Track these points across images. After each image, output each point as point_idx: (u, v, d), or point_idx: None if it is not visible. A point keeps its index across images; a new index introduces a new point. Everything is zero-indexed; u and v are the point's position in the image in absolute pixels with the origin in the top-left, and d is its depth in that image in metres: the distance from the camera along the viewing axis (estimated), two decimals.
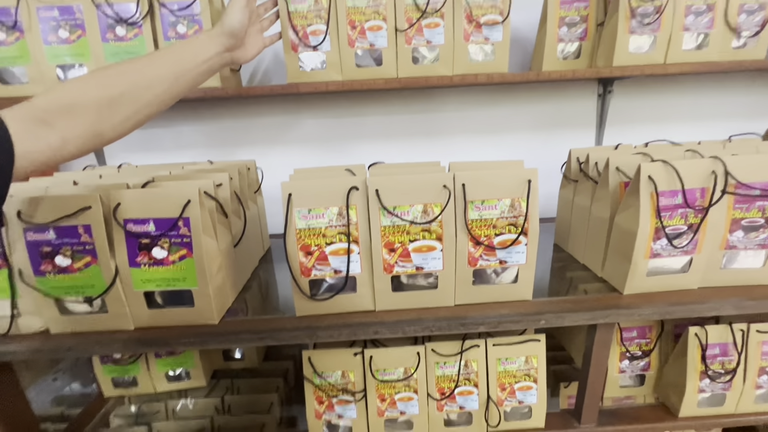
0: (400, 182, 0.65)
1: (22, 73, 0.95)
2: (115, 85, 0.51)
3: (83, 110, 0.48)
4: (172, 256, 0.65)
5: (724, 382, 0.82)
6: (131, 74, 0.52)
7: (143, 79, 0.53)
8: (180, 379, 0.99)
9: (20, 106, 0.45)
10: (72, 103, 0.47)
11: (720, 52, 0.98)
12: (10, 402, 0.76)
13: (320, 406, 0.81)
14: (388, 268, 0.69)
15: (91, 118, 0.48)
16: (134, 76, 0.52)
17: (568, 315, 0.70)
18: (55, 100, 0.46)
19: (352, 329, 0.69)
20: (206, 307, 0.69)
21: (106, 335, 0.69)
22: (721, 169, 0.68)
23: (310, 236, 0.67)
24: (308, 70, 0.97)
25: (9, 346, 0.67)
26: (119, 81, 0.51)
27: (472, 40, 0.95)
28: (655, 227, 0.70)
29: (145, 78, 0.53)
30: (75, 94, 0.48)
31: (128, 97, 0.51)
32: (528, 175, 0.66)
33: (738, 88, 1.23)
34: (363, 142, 1.26)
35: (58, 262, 0.64)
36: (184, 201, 0.63)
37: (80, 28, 0.92)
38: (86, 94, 0.48)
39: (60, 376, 1.18)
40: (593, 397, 0.83)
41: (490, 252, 0.70)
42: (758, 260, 0.75)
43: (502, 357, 0.80)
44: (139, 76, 0.53)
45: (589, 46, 1.03)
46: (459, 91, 1.22)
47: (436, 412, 0.82)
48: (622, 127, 1.27)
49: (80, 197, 0.62)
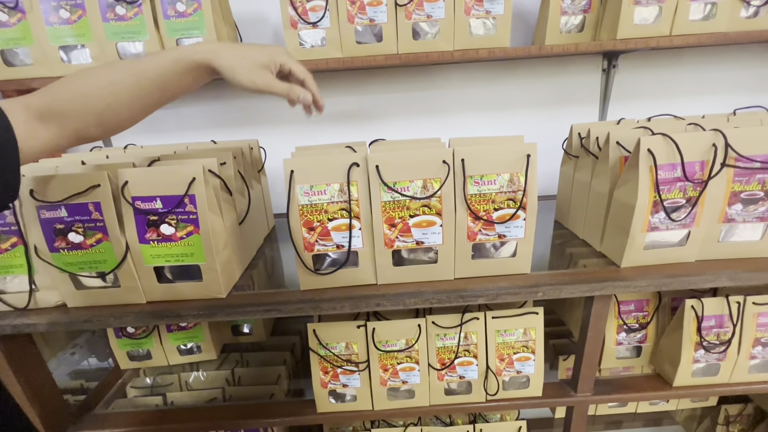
0: (399, 158, 0.66)
1: (26, 54, 0.96)
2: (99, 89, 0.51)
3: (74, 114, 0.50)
4: (180, 232, 0.68)
5: (719, 352, 0.84)
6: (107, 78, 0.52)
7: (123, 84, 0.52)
8: (191, 352, 1.03)
9: (18, 103, 0.47)
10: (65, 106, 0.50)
11: (728, 22, 0.96)
12: (34, 372, 0.80)
13: (325, 376, 0.85)
14: (389, 242, 0.71)
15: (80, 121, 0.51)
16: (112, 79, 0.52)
17: (565, 287, 0.72)
18: (49, 100, 0.49)
19: (355, 302, 0.71)
20: (214, 281, 0.72)
21: (120, 308, 0.72)
22: (722, 142, 0.68)
23: (313, 212, 0.69)
24: (308, 47, 0.96)
25: (29, 319, 0.71)
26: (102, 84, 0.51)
27: (473, 13, 0.94)
28: (653, 201, 0.70)
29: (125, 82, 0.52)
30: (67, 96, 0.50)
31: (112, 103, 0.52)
32: (527, 150, 0.67)
33: (746, 60, 1.21)
34: (364, 120, 1.26)
35: (71, 239, 0.67)
36: (189, 179, 0.65)
37: (80, 8, 0.92)
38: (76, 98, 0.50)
39: (78, 350, 1.24)
40: (590, 367, 0.85)
41: (489, 226, 0.71)
42: (756, 233, 0.76)
43: (501, 329, 0.83)
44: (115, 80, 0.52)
45: (593, 18, 1.01)
46: (460, 67, 1.21)
47: (436, 382, 0.86)
48: (627, 102, 1.25)
49: (89, 176, 0.64)
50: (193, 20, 0.93)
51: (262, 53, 0.56)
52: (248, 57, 0.55)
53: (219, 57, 0.53)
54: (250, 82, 0.55)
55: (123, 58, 0.96)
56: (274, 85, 0.57)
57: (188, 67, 0.53)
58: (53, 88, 0.50)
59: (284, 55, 0.58)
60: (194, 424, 0.89)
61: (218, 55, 0.53)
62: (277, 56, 0.57)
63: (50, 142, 0.50)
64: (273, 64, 0.57)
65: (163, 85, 0.53)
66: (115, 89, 0.51)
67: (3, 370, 0.75)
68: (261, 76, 0.55)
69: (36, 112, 0.48)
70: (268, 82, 0.56)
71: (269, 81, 0.56)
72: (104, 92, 0.51)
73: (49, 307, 0.74)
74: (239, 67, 0.54)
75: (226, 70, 0.54)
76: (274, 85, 0.57)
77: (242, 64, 0.54)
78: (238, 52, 0.55)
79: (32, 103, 0.48)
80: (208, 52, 0.53)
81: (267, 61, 0.56)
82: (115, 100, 0.51)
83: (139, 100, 0.53)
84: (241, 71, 0.54)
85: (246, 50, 0.55)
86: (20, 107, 0.47)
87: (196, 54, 0.53)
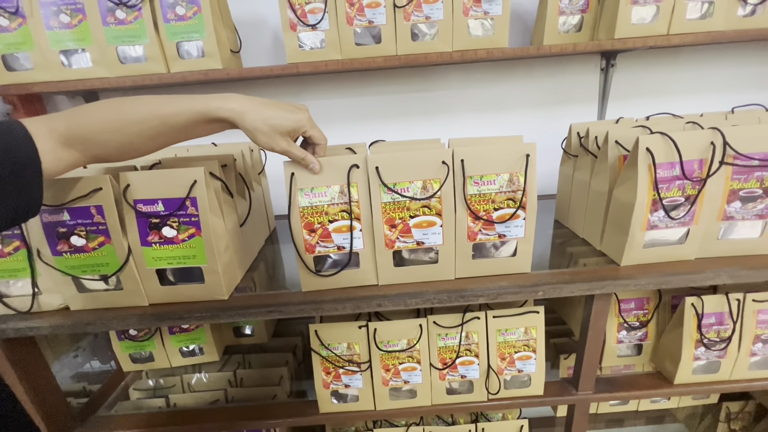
0: (399, 159, 0.67)
1: (26, 58, 0.97)
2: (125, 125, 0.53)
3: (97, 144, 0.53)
4: (182, 234, 0.68)
5: (720, 350, 0.85)
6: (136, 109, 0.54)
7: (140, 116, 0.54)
8: (194, 354, 1.03)
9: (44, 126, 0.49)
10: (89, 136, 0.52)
11: (725, 20, 0.96)
12: (37, 374, 0.80)
13: (327, 376, 0.85)
14: (389, 243, 0.71)
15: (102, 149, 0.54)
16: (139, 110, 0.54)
17: (565, 286, 0.72)
18: (75, 127, 0.51)
19: (356, 302, 0.71)
20: (216, 283, 0.72)
21: (123, 311, 0.72)
22: (720, 140, 0.68)
23: (313, 214, 0.69)
24: (307, 50, 0.97)
25: (32, 322, 0.71)
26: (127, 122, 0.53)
27: (471, 14, 0.94)
28: (652, 199, 0.71)
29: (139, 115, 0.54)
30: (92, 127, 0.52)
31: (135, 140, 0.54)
32: (526, 150, 0.67)
33: (744, 58, 1.21)
34: (364, 122, 1.27)
35: (73, 242, 0.67)
36: (191, 181, 0.65)
37: (81, 13, 0.92)
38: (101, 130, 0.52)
39: (80, 353, 1.24)
40: (591, 366, 0.86)
41: (489, 226, 0.71)
42: (755, 230, 0.76)
43: (502, 328, 0.83)
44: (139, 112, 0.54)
45: (591, 18, 1.01)
46: (459, 68, 1.22)
47: (438, 381, 0.86)
48: (625, 101, 1.26)
49: (91, 179, 0.65)
50: (192, 23, 0.94)
51: (286, 122, 0.58)
52: (272, 124, 0.57)
53: (244, 120, 0.56)
54: (269, 147, 0.59)
55: (124, 62, 0.97)
56: (291, 152, 0.62)
57: (213, 120, 0.56)
58: (79, 115, 0.52)
59: (307, 124, 0.61)
60: (197, 425, 0.89)
61: (244, 119, 0.56)
62: (299, 126, 0.60)
63: (72, 164, 0.52)
64: (294, 133, 0.61)
65: (185, 131, 0.56)
66: (139, 129, 0.53)
67: (7, 373, 0.76)
68: (280, 144, 0.59)
69: (62, 137, 0.50)
70: (286, 150, 0.61)
71: (287, 149, 0.61)
72: (128, 130, 0.53)
73: (52, 310, 0.74)
74: (261, 134, 0.57)
75: (248, 133, 0.57)
76: (291, 153, 0.62)
77: (265, 130, 0.57)
78: (263, 118, 0.57)
79: (58, 128, 0.49)
80: (235, 113, 0.55)
81: (289, 130, 0.59)
82: (138, 138, 0.54)
83: (161, 140, 0.56)
84: (262, 137, 0.58)
85: (271, 115, 0.57)
86: (46, 131, 0.48)
87: (223, 112, 0.55)
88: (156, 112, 0.54)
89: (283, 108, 0.58)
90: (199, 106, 0.54)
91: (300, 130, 0.61)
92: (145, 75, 0.98)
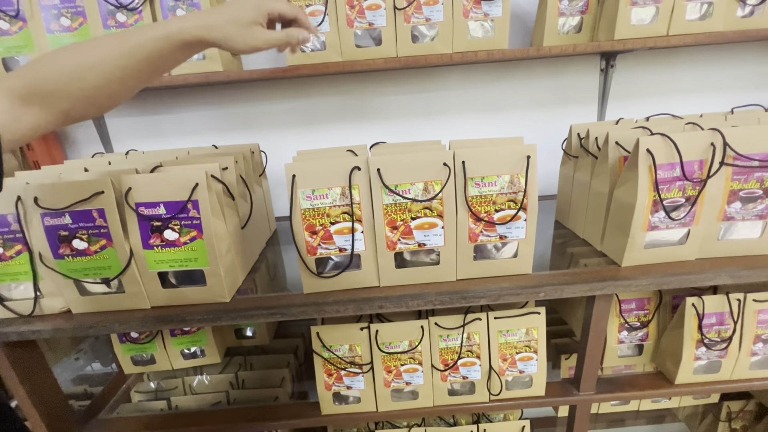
0: (400, 161, 0.67)
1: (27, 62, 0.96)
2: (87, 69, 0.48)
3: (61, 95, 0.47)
4: (183, 237, 0.68)
5: (720, 350, 0.85)
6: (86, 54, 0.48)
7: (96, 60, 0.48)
8: (195, 356, 1.03)
9: None
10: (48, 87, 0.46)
11: (725, 21, 0.97)
12: (39, 378, 0.80)
13: (329, 378, 0.85)
14: (391, 245, 0.72)
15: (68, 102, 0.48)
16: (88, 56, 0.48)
17: (566, 287, 0.72)
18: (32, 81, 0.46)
19: (358, 304, 0.71)
20: (218, 285, 0.72)
21: (125, 314, 0.72)
22: (720, 141, 0.68)
23: (315, 216, 0.69)
24: (308, 52, 0.97)
25: (34, 326, 0.71)
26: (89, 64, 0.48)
27: (471, 16, 0.94)
28: (653, 200, 0.71)
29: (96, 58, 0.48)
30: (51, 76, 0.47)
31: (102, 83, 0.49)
32: (527, 151, 0.67)
33: (743, 59, 1.21)
34: (365, 123, 1.27)
35: (75, 245, 0.67)
36: (192, 184, 0.66)
37: (81, 16, 0.92)
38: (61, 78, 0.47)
39: (82, 356, 1.24)
40: (592, 366, 0.86)
41: (491, 228, 0.72)
42: (756, 231, 0.76)
43: (504, 329, 0.83)
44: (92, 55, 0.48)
45: (591, 19, 1.02)
46: (459, 70, 1.22)
47: (440, 383, 0.86)
48: (625, 102, 1.26)
49: (93, 182, 0.65)
50: None
51: (248, 8, 0.52)
52: (237, 18, 0.51)
53: (211, 30, 0.50)
54: (247, 46, 0.53)
55: None
56: (271, 40, 0.55)
57: (179, 44, 0.50)
58: (35, 67, 0.46)
59: (269, 1, 0.54)
60: (199, 427, 0.89)
61: (210, 29, 0.50)
62: (262, 6, 0.53)
63: (36, 125, 0.47)
64: (262, 17, 0.54)
65: (153, 62, 0.51)
66: (104, 70, 0.48)
67: (8, 376, 0.76)
68: (256, 36, 0.53)
69: (18, 95, 0.44)
70: (266, 39, 0.54)
71: (266, 38, 0.54)
72: (92, 73, 0.47)
73: (53, 313, 0.74)
74: (232, 34, 0.52)
75: (221, 41, 0.52)
76: (272, 40, 0.55)
77: (234, 29, 0.51)
78: (227, 17, 0.51)
79: (13, 85, 0.44)
80: (199, 28, 0.50)
81: (255, 15, 0.53)
82: (105, 81, 0.48)
83: (130, 79, 0.51)
84: (235, 38, 0.52)
85: (232, 11, 0.51)
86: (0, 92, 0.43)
87: (187, 31, 0.50)
88: (117, 48, 0.48)
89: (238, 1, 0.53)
90: (160, 32, 0.49)
91: (265, 12, 0.54)
92: None
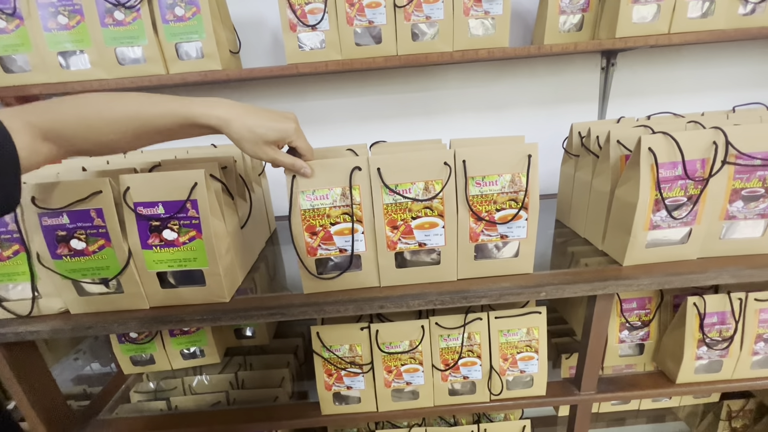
0: (401, 160, 0.66)
1: (25, 61, 0.96)
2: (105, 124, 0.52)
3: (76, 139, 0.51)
4: (182, 237, 0.68)
5: (722, 349, 0.85)
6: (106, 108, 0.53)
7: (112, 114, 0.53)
8: (195, 356, 1.03)
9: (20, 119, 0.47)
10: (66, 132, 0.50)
11: (726, 19, 0.96)
12: (37, 378, 0.80)
13: (329, 378, 0.85)
14: (391, 245, 0.71)
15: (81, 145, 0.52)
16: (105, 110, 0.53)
17: (567, 287, 0.72)
18: (52, 122, 0.49)
19: (358, 304, 0.71)
20: (217, 285, 0.72)
21: (123, 314, 0.72)
22: (722, 139, 0.68)
23: (315, 217, 0.69)
24: (307, 50, 0.96)
25: (32, 326, 0.71)
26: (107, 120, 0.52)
27: (472, 14, 0.94)
28: (654, 199, 0.70)
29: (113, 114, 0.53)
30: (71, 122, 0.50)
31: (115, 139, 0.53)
32: (528, 150, 0.67)
33: (745, 57, 1.21)
34: (364, 122, 1.26)
35: (73, 245, 0.67)
36: (191, 184, 0.65)
37: (79, 14, 0.92)
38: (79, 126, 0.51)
39: (80, 356, 1.24)
40: (593, 366, 0.86)
41: (491, 227, 0.71)
42: (758, 230, 0.76)
43: (504, 329, 0.83)
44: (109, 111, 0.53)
45: (592, 17, 1.01)
46: (460, 68, 1.21)
47: (440, 383, 0.86)
48: (627, 100, 1.25)
49: (91, 182, 0.64)
50: (191, 24, 0.93)
51: (272, 131, 0.57)
52: (258, 133, 0.56)
53: (230, 128, 0.55)
54: (255, 155, 0.58)
55: (122, 64, 0.96)
56: (278, 160, 0.61)
57: (197, 126, 0.54)
58: (56, 109, 0.50)
59: (293, 134, 0.59)
60: (198, 428, 0.89)
61: (230, 127, 0.55)
62: (286, 136, 0.59)
63: (50, 157, 0.51)
64: (281, 143, 0.60)
65: (168, 134, 0.55)
66: (119, 129, 0.52)
67: (6, 377, 0.75)
68: (266, 153, 0.58)
69: (39, 131, 0.48)
70: (273, 158, 0.60)
71: (274, 157, 0.60)
72: (107, 129, 0.52)
73: (52, 314, 0.74)
74: (246, 142, 0.56)
75: (234, 141, 0.57)
76: (278, 161, 0.61)
77: (250, 138, 0.56)
78: (249, 127, 0.55)
79: (34, 121, 0.48)
80: (221, 120, 0.54)
81: (275, 140, 0.58)
82: (119, 137, 0.53)
83: (141, 141, 0.55)
84: (247, 145, 0.57)
85: (257, 124, 0.56)
86: (22, 125, 0.47)
87: (208, 119, 0.54)
88: (138, 113, 0.52)
89: (269, 117, 0.57)
90: (183, 111, 0.53)
91: (286, 140, 0.60)
92: (144, 76, 0.97)
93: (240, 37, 1.11)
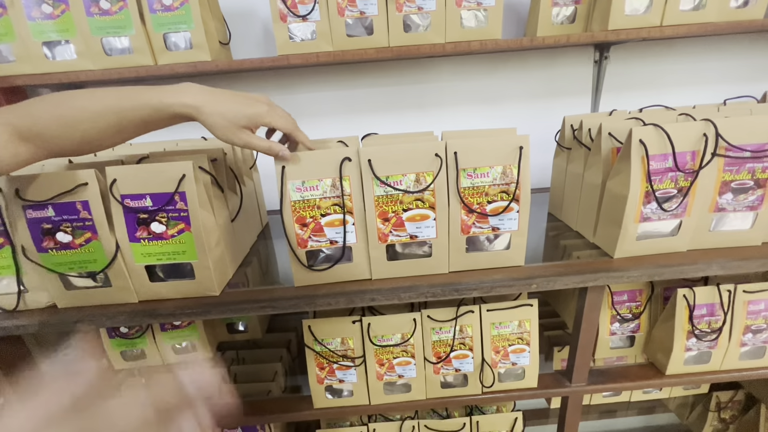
0: (392, 152, 0.66)
1: (8, 51, 0.94)
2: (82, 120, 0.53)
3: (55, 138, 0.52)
4: (171, 230, 0.67)
5: (711, 340, 0.85)
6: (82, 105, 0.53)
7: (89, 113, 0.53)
8: (186, 351, 1.02)
9: None
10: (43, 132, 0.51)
11: (718, 12, 0.96)
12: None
13: (321, 371, 0.85)
14: (382, 237, 0.71)
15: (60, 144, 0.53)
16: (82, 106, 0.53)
17: (559, 279, 0.72)
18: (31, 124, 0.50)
19: (349, 297, 0.71)
20: (207, 279, 0.71)
21: (112, 308, 0.71)
22: (712, 131, 0.68)
23: (305, 208, 0.68)
24: (298, 41, 0.95)
25: (18, 321, 0.70)
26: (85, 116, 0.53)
27: (464, 5, 0.93)
28: (645, 191, 0.71)
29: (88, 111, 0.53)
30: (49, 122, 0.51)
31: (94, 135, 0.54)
32: (519, 142, 0.67)
33: (736, 50, 1.21)
34: (356, 114, 1.25)
35: (59, 239, 0.66)
36: (179, 176, 0.64)
37: (63, 3, 0.89)
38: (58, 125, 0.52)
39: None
40: (584, 358, 0.86)
41: (483, 219, 0.71)
42: (747, 222, 0.77)
43: (496, 321, 0.83)
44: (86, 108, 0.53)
45: (585, 9, 1.01)
46: (452, 60, 1.21)
47: (432, 375, 0.86)
48: (619, 93, 1.26)
49: (76, 174, 0.63)
50: (180, 14, 0.92)
51: (243, 114, 0.57)
52: (229, 118, 0.56)
53: (201, 114, 0.55)
54: (229, 141, 0.58)
55: (109, 54, 0.94)
56: (253, 144, 0.60)
57: (170, 115, 0.55)
58: (34, 109, 0.51)
59: (267, 116, 0.59)
60: None
61: (200, 113, 0.55)
62: (258, 118, 0.58)
63: (29, 158, 0.52)
64: (254, 126, 0.59)
65: (144, 125, 0.55)
66: (98, 124, 0.53)
67: None
68: (240, 137, 0.58)
69: (18, 132, 0.49)
70: (248, 142, 0.59)
71: (248, 141, 0.59)
72: (86, 125, 0.52)
73: (39, 308, 0.73)
74: (220, 127, 0.56)
75: (207, 127, 0.57)
76: (253, 144, 0.60)
77: (223, 124, 0.56)
78: (219, 113, 0.56)
79: (13, 122, 0.49)
80: (191, 108, 0.54)
81: (247, 123, 0.58)
82: (97, 133, 0.53)
83: (120, 135, 0.56)
84: (221, 131, 0.57)
85: (227, 109, 0.56)
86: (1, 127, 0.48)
87: (179, 107, 0.54)
88: (112, 108, 0.53)
89: (239, 101, 0.57)
90: (154, 102, 0.53)
91: (260, 122, 0.59)
92: (131, 67, 0.96)
93: (230, 28, 1.09)
